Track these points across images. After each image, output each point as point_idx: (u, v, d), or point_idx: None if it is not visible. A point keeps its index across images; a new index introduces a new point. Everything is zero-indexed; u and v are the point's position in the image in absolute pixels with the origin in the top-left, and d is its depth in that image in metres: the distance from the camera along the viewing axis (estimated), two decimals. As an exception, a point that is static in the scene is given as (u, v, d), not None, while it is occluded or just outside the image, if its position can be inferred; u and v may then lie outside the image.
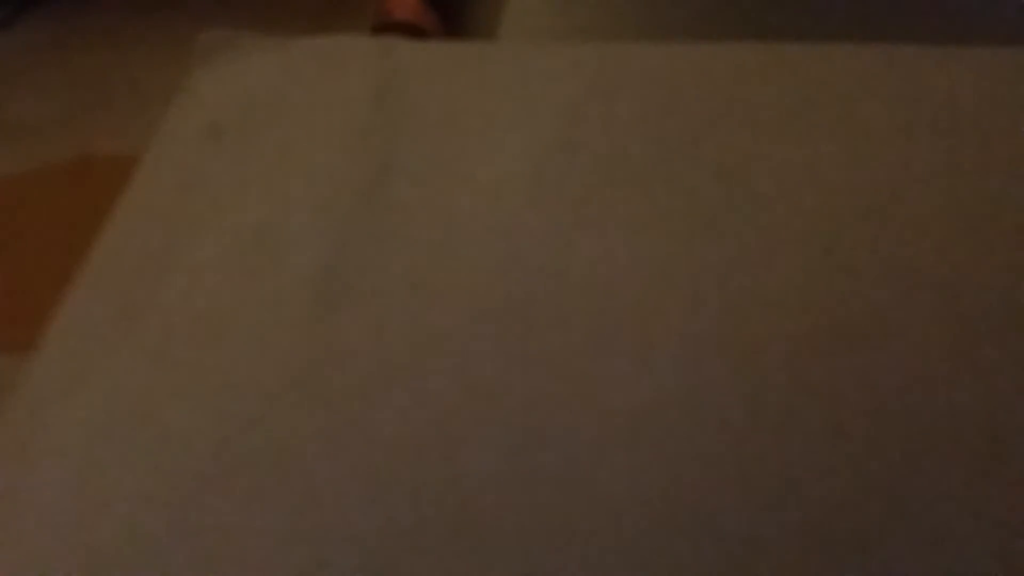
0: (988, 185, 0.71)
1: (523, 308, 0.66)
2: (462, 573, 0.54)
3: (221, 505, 0.57)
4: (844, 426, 0.58)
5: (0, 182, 1.86)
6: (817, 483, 0.56)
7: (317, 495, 0.57)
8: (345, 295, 0.68)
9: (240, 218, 0.74)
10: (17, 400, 0.64)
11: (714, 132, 0.77)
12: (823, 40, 0.83)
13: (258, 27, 0.90)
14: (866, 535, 0.54)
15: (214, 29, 0.89)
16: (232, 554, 0.55)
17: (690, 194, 0.72)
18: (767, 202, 0.71)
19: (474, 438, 0.59)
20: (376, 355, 0.64)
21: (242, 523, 0.57)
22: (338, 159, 0.78)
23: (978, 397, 0.59)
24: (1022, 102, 0.77)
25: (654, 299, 0.66)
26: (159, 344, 0.66)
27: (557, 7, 1.05)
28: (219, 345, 0.66)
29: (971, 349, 0.62)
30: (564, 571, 0.54)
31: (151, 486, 0.59)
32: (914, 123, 0.76)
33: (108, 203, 0.77)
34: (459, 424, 0.60)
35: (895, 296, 0.65)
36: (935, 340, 0.62)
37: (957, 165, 0.73)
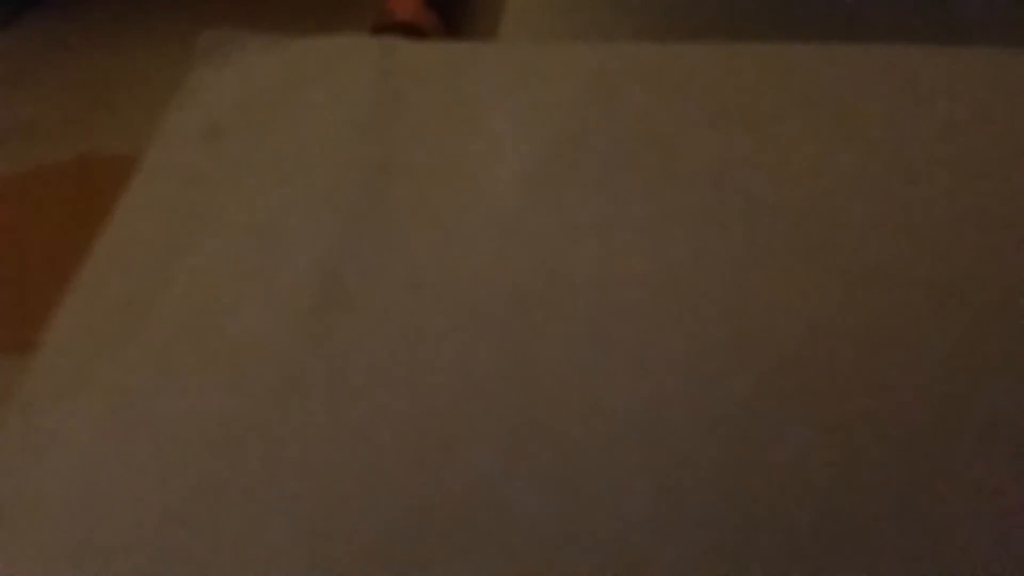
0: (988, 186, 0.71)
1: (523, 307, 0.66)
2: (461, 572, 0.54)
3: (221, 505, 0.57)
4: (844, 426, 0.58)
5: (0, 182, 1.86)
6: (817, 484, 0.56)
7: (317, 494, 0.57)
8: (345, 295, 0.68)
9: (240, 218, 0.74)
10: (17, 400, 0.64)
11: (714, 132, 0.77)
12: (823, 40, 0.83)
13: (258, 27, 0.90)
14: (866, 535, 0.54)
15: (215, 28, 0.89)
16: (232, 553, 0.56)
17: (690, 195, 0.73)
18: (768, 202, 0.71)
19: (473, 437, 0.59)
20: (376, 355, 0.64)
21: (242, 522, 0.57)
22: (338, 159, 0.78)
23: (978, 397, 0.59)
24: (1022, 102, 0.77)
25: (654, 299, 0.66)
26: (159, 344, 0.66)
27: (557, 7, 1.05)
28: (219, 345, 0.66)
29: (971, 349, 0.62)
30: (563, 570, 0.54)
31: (151, 486, 0.59)
32: (914, 123, 0.76)
33: (108, 203, 0.77)
34: (459, 423, 0.60)
35: (895, 296, 0.65)
36: (935, 341, 0.62)
37: (957, 165, 0.73)
